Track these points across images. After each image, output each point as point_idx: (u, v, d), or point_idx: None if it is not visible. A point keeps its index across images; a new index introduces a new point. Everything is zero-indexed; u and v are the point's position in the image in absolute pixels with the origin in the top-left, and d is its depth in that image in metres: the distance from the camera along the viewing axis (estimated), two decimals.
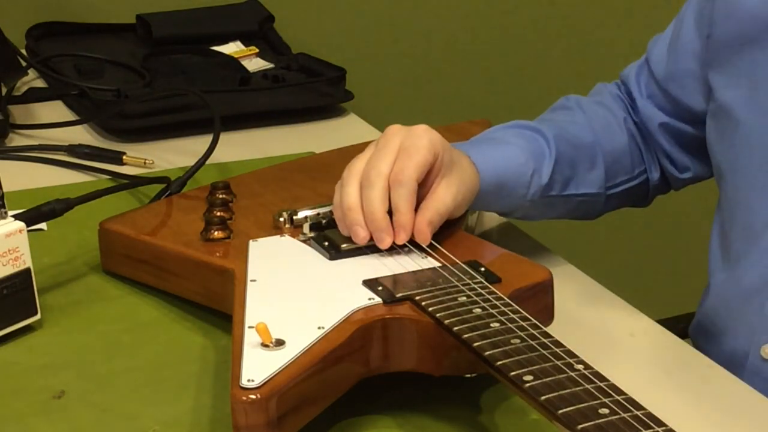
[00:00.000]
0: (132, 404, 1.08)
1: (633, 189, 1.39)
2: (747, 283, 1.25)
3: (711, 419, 1.08)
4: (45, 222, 1.31)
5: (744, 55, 1.26)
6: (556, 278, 1.14)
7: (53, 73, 1.74)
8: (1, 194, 1.16)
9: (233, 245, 1.20)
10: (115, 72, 1.76)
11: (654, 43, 1.39)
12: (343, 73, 1.75)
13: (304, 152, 1.55)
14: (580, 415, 0.88)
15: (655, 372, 1.16)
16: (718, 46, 1.29)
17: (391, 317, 1.05)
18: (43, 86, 1.75)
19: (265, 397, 0.95)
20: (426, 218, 1.15)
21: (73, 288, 1.26)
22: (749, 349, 1.24)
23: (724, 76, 1.28)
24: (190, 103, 1.62)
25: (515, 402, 1.08)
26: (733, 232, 1.29)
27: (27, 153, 1.56)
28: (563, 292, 1.16)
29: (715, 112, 1.30)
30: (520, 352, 0.96)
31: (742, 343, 1.25)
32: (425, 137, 1.17)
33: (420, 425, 1.06)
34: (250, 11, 1.92)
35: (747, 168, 1.26)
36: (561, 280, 1.16)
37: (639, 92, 1.39)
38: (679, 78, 1.35)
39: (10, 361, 1.14)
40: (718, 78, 1.29)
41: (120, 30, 1.90)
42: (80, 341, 1.18)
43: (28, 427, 1.05)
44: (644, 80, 1.39)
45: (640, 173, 1.39)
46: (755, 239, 1.25)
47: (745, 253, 1.26)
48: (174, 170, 1.47)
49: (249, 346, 1.00)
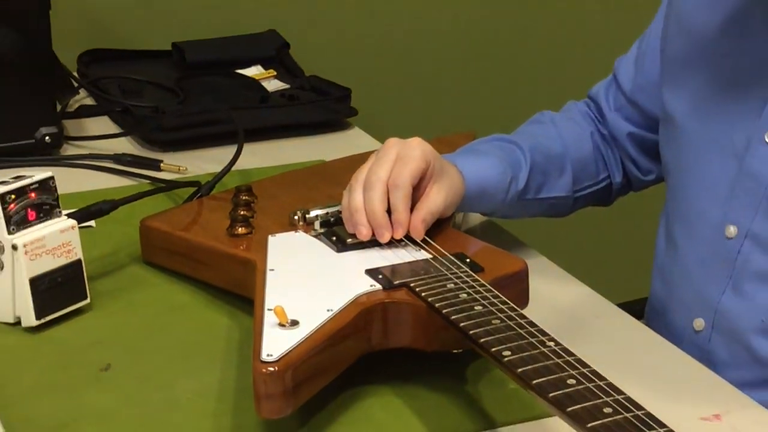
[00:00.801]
0: (168, 376, 1.09)
1: (597, 192, 1.39)
2: (684, 265, 1.26)
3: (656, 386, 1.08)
4: (93, 220, 1.31)
5: (686, 70, 1.27)
6: (531, 268, 1.14)
7: (100, 93, 1.74)
8: (57, 196, 1.16)
9: (255, 240, 1.20)
10: (153, 91, 1.75)
11: (620, 62, 1.39)
12: (349, 92, 1.75)
13: (315, 160, 1.55)
14: (551, 385, 0.88)
15: (615, 347, 1.16)
16: (668, 61, 1.30)
17: (389, 301, 1.05)
18: (92, 104, 1.75)
19: (282, 369, 0.94)
20: (420, 217, 1.15)
21: (117, 276, 1.26)
22: (686, 323, 1.24)
23: (671, 87, 1.29)
24: (217, 118, 1.62)
25: (496, 374, 1.08)
26: (674, 222, 1.29)
27: (78, 161, 1.55)
28: (537, 280, 1.16)
29: (664, 120, 1.31)
30: (500, 331, 0.96)
31: (681, 318, 1.25)
32: (418, 148, 1.17)
33: (414, 394, 1.06)
34: (269, 39, 1.91)
35: (687, 167, 1.26)
36: (535, 269, 1.16)
37: (608, 106, 1.39)
38: (646, 89, 1.35)
39: (65, 339, 1.14)
40: (666, 89, 1.29)
41: (158, 55, 1.90)
42: (124, 322, 1.18)
43: (79, 395, 1.05)
44: (613, 95, 1.39)
45: (604, 179, 1.39)
46: (691, 228, 1.25)
47: (683, 239, 1.27)
48: (204, 176, 1.47)
49: (268, 325, 1.00)
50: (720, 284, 1.21)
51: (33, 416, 1.02)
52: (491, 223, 1.40)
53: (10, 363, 1.10)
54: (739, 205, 1.20)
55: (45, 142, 1.55)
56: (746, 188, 1.19)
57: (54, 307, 1.15)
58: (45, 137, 1.55)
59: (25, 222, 1.13)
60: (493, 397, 1.06)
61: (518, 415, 1.03)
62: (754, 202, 1.18)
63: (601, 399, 0.85)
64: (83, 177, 1.51)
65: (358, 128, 1.72)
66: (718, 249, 1.21)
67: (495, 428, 1.02)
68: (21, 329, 1.15)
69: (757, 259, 1.18)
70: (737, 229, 1.20)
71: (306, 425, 1.01)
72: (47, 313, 1.15)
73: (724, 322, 1.21)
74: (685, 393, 1.09)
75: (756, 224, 1.18)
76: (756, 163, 1.18)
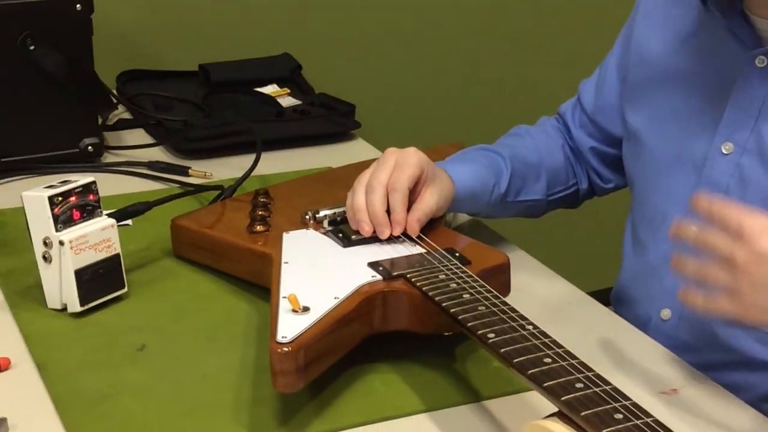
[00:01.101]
0: (195, 355, 1.09)
1: (567, 196, 1.39)
2: (649, 263, 1.25)
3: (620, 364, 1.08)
4: (130, 219, 1.31)
5: (647, 93, 1.26)
6: (512, 261, 1.14)
7: (136, 108, 1.73)
8: (98, 198, 1.16)
9: (271, 236, 1.20)
10: (182, 107, 1.75)
11: (584, 86, 1.39)
12: (353, 108, 1.74)
13: (324, 167, 1.54)
14: (530, 363, 0.88)
15: (585, 330, 1.15)
16: (630, 86, 1.29)
17: (389, 290, 1.05)
18: (128, 117, 1.75)
19: (294, 349, 0.94)
20: (415, 216, 1.15)
21: (151, 268, 1.26)
22: (652, 313, 1.24)
23: (634, 108, 1.28)
24: (238, 130, 1.62)
25: (482, 354, 1.08)
26: (640, 225, 1.28)
27: (117, 168, 1.55)
28: (517, 271, 1.16)
29: (628, 136, 1.30)
30: (485, 316, 0.96)
31: (647, 308, 1.24)
32: (414, 156, 1.17)
33: (410, 371, 1.06)
34: (284, 62, 1.91)
35: (651, 177, 1.26)
36: (516, 262, 1.16)
37: (573, 124, 1.39)
38: (605, 111, 1.35)
39: (105, 323, 1.14)
40: (629, 110, 1.29)
41: (186, 75, 1.89)
42: (157, 308, 1.18)
43: (118, 371, 1.05)
44: (577, 114, 1.38)
45: (573, 184, 1.39)
46: (655, 230, 1.24)
47: (648, 240, 1.26)
48: (227, 180, 1.47)
49: (283, 311, 1.00)
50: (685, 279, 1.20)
51: (77, 390, 1.02)
52: (477, 222, 1.40)
53: (57, 344, 1.10)
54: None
55: (88, 151, 1.55)
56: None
57: (96, 295, 1.15)
58: (88, 147, 1.55)
59: (70, 221, 1.13)
60: (478, 373, 1.06)
61: (501, 389, 1.03)
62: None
63: (573, 375, 0.85)
64: (121, 181, 1.51)
65: (361, 139, 1.72)
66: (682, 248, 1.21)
67: (480, 401, 1.02)
68: (67, 314, 1.15)
69: None
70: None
71: (316, 398, 1.01)
72: (90, 300, 1.15)
73: (690, 312, 1.20)
74: (647, 370, 1.09)
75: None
76: (715, 172, 1.17)
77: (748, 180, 1.14)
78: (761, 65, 1.13)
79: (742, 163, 1.15)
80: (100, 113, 1.60)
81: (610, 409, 0.80)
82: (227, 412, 0.99)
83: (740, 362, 1.16)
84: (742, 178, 1.15)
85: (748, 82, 1.14)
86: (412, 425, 0.99)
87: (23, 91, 1.49)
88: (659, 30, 1.25)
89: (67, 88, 1.51)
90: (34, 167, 1.52)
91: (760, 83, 1.13)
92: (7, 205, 1.38)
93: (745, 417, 1.02)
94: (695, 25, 1.21)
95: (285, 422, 0.98)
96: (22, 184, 1.46)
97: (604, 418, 0.79)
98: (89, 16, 1.49)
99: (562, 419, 0.81)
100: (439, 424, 0.99)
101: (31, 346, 1.09)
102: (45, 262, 1.14)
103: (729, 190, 1.15)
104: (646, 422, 0.78)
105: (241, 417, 0.98)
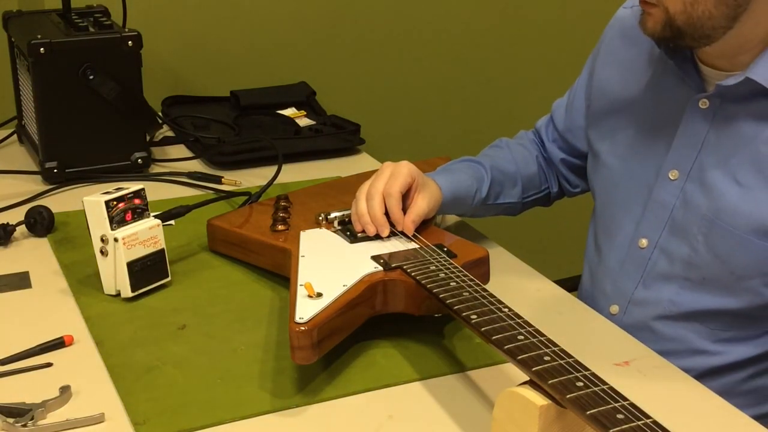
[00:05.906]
0: (227, 333, 1.08)
1: (539, 198, 1.39)
2: (606, 265, 1.25)
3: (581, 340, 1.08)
4: (173, 220, 1.31)
5: (608, 121, 1.26)
6: (491, 255, 1.14)
7: (178, 127, 1.73)
8: (146, 202, 1.16)
9: (290, 234, 1.20)
10: (216, 127, 1.75)
11: (557, 106, 1.38)
12: (359, 127, 1.74)
13: (334, 176, 1.54)
14: (506, 340, 0.88)
15: (551, 313, 1.15)
16: (593, 114, 1.29)
17: (388, 279, 1.05)
18: (171, 135, 1.75)
19: (310, 328, 0.94)
20: (410, 218, 1.16)
21: (190, 261, 1.25)
22: (605, 307, 1.23)
23: (596, 133, 1.28)
24: (263, 146, 1.62)
25: (466, 332, 1.08)
26: (599, 232, 1.28)
27: (162, 177, 1.55)
28: (495, 263, 1.16)
29: (591, 154, 1.29)
30: (469, 300, 0.96)
31: (603, 304, 1.24)
32: (406, 168, 1.17)
33: (406, 346, 1.06)
34: (301, 89, 1.91)
35: (609, 192, 1.25)
36: (494, 256, 1.16)
37: (547, 138, 1.38)
38: (573, 130, 1.34)
39: (152, 306, 1.14)
40: (592, 134, 1.29)
41: (220, 100, 1.89)
42: (195, 294, 1.17)
43: (162, 346, 1.05)
44: (550, 130, 1.38)
45: (545, 189, 1.39)
46: (613, 238, 1.24)
47: (606, 246, 1.25)
48: (253, 188, 1.47)
49: (300, 297, 1.00)
50: (634, 281, 1.20)
51: (129, 362, 1.02)
52: (463, 222, 1.40)
53: (112, 324, 1.10)
54: (649, 223, 1.18)
55: (138, 163, 1.55)
56: (655, 212, 1.17)
57: (144, 283, 1.15)
58: (138, 159, 1.55)
59: (123, 221, 1.13)
60: (463, 348, 1.06)
61: (482, 361, 1.03)
62: (661, 223, 1.17)
63: (542, 350, 0.85)
64: (165, 188, 1.51)
65: (365, 153, 1.71)
66: (633, 255, 1.20)
67: (465, 371, 1.02)
68: (120, 299, 1.15)
69: (663, 264, 1.17)
70: (648, 241, 1.18)
71: (327, 369, 1.01)
72: (139, 287, 1.15)
73: (634, 309, 1.20)
74: (603, 345, 1.09)
75: (663, 239, 1.17)
76: (662, 193, 1.16)
77: (690, 203, 1.14)
78: (704, 107, 1.12)
79: (686, 189, 1.14)
80: (148, 132, 1.60)
81: (572, 378, 0.80)
82: (254, 381, 0.99)
83: (676, 350, 1.16)
84: (686, 200, 1.14)
85: (693, 120, 1.13)
86: (408, 391, 0.99)
87: (84, 113, 1.49)
88: (617, 68, 1.24)
89: (120, 111, 1.51)
90: (93, 176, 1.51)
91: (702, 121, 1.12)
92: (71, 208, 1.38)
93: (686, 386, 1.02)
94: (650, 66, 1.20)
95: (302, 389, 0.98)
96: (83, 191, 1.46)
97: (567, 385, 0.79)
98: (139, 51, 1.49)
99: (532, 386, 0.81)
100: (431, 390, 0.99)
101: (90, 325, 1.09)
102: (102, 256, 1.14)
103: (674, 210, 1.15)
104: (603, 389, 0.78)
105: (265, 384, 0.98)
